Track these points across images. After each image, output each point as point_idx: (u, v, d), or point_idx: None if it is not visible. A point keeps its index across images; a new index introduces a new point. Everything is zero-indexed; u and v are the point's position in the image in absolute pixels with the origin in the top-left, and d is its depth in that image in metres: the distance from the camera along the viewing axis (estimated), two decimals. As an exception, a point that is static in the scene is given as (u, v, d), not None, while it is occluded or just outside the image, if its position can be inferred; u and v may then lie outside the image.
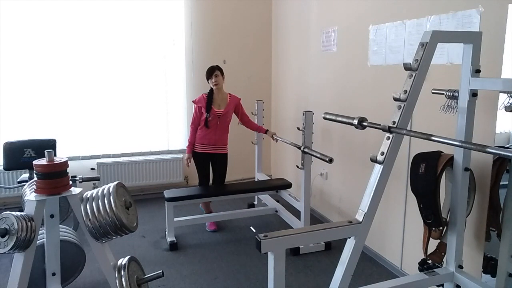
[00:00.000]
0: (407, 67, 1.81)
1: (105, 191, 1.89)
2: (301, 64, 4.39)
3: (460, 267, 2.13)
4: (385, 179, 1.81)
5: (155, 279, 2.04)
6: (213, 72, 3.64)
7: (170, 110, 4.83)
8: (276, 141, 3.95)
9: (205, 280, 2.97)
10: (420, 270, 2.27)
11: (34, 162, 1.86)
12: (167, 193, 3.56)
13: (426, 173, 2.13)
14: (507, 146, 2.27)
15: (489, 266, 2.18)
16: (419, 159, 2.21)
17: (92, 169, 4.50)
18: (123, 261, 1.95)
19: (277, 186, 3.93)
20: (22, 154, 3.37)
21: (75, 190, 1.92)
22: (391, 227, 3.03)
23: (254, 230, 3.85)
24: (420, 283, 2.10)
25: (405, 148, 2.76)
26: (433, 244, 2.28)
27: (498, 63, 2.08)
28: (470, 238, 2.30)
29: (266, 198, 4.17)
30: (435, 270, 2.17)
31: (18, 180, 3.42)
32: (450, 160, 2.09)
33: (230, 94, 3.80)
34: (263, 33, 5.10)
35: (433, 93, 2.32)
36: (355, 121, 1.85)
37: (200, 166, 3.83)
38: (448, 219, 2.17)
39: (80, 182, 2.48)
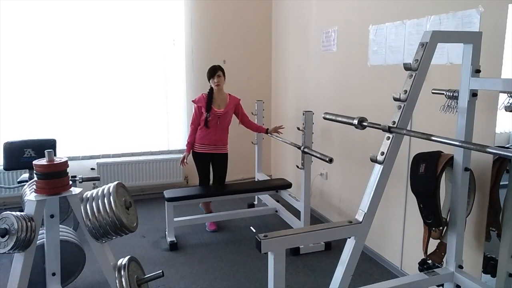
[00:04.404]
0: (407, 67, 1.81)
1: (105, 191, 1.89)
2: (301, 64, 4.39)
3: (460, 267, 2.13)
4: (385, 179, 1.81)
5: (155, 279, 2.04)
6: (215, 72, 3.64)
7: (170, 110, 4.83)
8: (280, 131, 3.87)
9: (205, 280, 2.97)
10: (420, 270, 2.27)
11: (34, 162, 1.86)
12: (167, 193, 3.56)
13: (426, 173, 2.13)
14: (507, 146, 2.27)
15: (489, 266, 2.18)
16: (419, 159, 2.21)
17: (92, 169, 4.50)
18: (123, 261, 1.95)
19: (277, 186, 3.92)
20: (22, 154, 3.37)
21: (75, 190, 1.92)
22: (391, 227, 3.03)
23: (254, 230, 3.85)
24: (420, 283, 2.10)
25: (405, 148, 2.76)
26: (433, 244, 2.28)
27: (498, 63, 2.08)
28: (470, 238, 2.30)
29: (266, 198, 4.17)
30: (435, 270, 2.17)
31: (18, 180, 3.42)
32: (450, 160, 2.09)
33: (229, 94, 3.80)
34: (263, 33, 5.10)
35: (433, 93, 2.32)
36: (355, 121, 1.85)
37: (200, 166, 3.83)
38: (448, 219, 2.17)
39: (80, 182, 2.48)
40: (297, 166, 3.29)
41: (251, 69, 5.09)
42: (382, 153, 1.79)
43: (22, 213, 1.82)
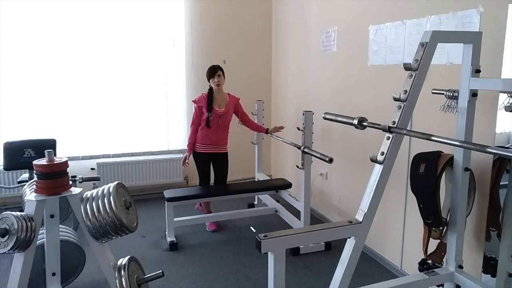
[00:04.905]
0: (407, 67, 1.80)
1: (105, 191, 1.89)
2: (301, 64, 4.39)
3: (460, 267, 2.13)
4: (385, 179, 1.81)
5: (155, 279, 2.04)
6: (216, 72, 3.65)
7: (170, 110, 4.83)
8: (281, 130, 3.91)
9: (205, 280, 2.97)
10: (420, 270, 2.27)
11: (34, 162, 1.86)
12: (167, 193, 3.56)
13: (426, 173, 2.13)
14: (507, 146, 2.27)
15: (489, 266, 2.18)
16: (419, 159, 2.21)
17: (92, 169, 4.50)
18: (123, 261, 1.95)
19: (277, 186, 3.92)
20: (22, 154, 3.37)
21: (75, 190, 1.92)
22: (391, 227, 3.03)
23: (254, 230, 3.85)
24: (420, 283, 2.10)
25: (405, 148, 2.76)
26: (433, 244, 2.28)
27: (498, 63, 2.08)
28: (470, 238, 2.30)
29: (266, 198, 4.16)
30: (435, 270, 2.17)
31: (18, 180, 3.42)
32: (450, 160, 2.09)
33: (229, 94, 3.81)
34: (263, 33, 5.10)
35: (433, 93, 2.32)
36: (355, 121, 1.84)
37: (202, 166, 3.83)
38: (448, 219, 2.17)
39: (80, 182, 2.48)
40: (297, 166, 3.29)
41: (251, 69, 5.09)
42: (382, 153, 1.79)
43: (22, 213, 1.82)
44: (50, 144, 3.38)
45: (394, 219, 2.98)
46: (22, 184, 3.01)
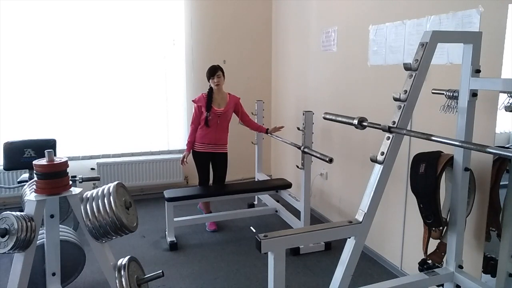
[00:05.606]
0: (407, 67, 1.81)
1: (105, 191, 1.89)
2: (301, 64, 4.39)
3: (460, 267, 2.13)
4: (385, 179, 1.81)
5: (155, 279, 2.04)
6: (215, 72, 3.65)
7: (170, 110, 4.83)
8: (281, 129, 3.92)
9: (205, 280, 2.97)
10: (420, 270, 2.27)
11: (34, 162, 1.85)
12: (167, 193, 3.56)
13: (426, 173, 2.13)
14: (507, 146, 2.27)
15: (489, 266, 2.18)
16: (419, 159, 2.21)
17: (92, 169, 4.50)
18: (123, 261, 1.95)
19: (277, 186, 3.93)
20: (22, 154, 3.37)
21: (75, 190, 1.92)
22: (391, 227, 3.03)
23: (254, 230, 3.85)
24: (420, 283, 2.10)
25: (405, 148, 2.76)
26: (433, 244, 2.28)
27: (498, 63, 2.08)
28: (470, 238, 2.30)
29: (266, 198, 4.17)
30: (435, 270, 2.17)
31: (18, 180, 3.42)
32: (450, 160, 2.10)
33: (229, 93, 3.81)
34: (263, 33, 5.10)
35: (433, 93, 2.32)
36: (355, 121, 1.85)
37: (201, 166, 3.83)
38: (448, 219, 2.17)
39: (80, 182, 2.48)
40: (297, 166, 3.29)
41: (251, 69, 5.09)
42: (382, 153, 1.79)
43: (22, 213, 1.81)
44: (50, 144, 3.38)
45: (394, 219, 2.98)
46: (22, 184, 3.01)
